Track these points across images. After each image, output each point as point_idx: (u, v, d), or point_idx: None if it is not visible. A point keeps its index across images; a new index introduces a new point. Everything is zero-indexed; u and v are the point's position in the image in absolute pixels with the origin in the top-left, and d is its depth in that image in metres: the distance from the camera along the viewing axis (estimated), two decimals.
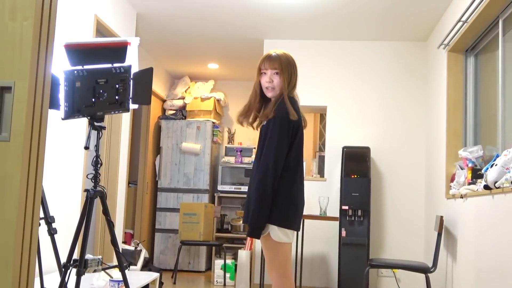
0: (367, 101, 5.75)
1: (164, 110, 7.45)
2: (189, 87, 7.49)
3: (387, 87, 5.74)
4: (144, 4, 4.99)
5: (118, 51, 2.59)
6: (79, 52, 2.48)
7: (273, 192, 2.34)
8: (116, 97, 2.53)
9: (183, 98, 7.35)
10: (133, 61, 2.65)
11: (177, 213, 6.79)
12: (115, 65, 2.58)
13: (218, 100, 7.42)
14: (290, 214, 2.40)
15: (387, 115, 5.71)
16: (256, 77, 2.56)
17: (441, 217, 4.46)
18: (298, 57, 2.68)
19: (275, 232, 2.36)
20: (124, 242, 5.77)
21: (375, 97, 5.74)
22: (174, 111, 7.30)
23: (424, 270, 4.25)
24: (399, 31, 5.42)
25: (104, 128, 2.51)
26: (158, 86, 7.03)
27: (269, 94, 2.51)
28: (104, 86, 2.50)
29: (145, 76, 2.65)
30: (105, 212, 2.51)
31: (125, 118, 5.06)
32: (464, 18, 4.01)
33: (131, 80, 2.59)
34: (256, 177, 2.38)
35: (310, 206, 5.39)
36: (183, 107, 7.35)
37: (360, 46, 5.80)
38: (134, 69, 2.65)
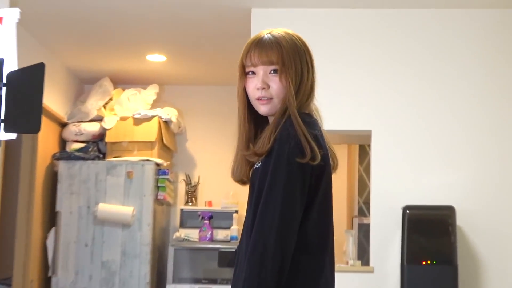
0: (448, 120, 5.79)
1: (63, 143, 7.42)
2: (111, 99, 7.51)
3: (482, 94, 5.79)
4: None
5: None
6: None
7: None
8: None
9: (100, 119, 7.36)
10: (7, 52, 2.65)
11: None
12: None
13: (166, 122, 7.43)
14: None
15: (486, 145, 5.73)
16: (239, 81, 2.57)
17: None
18: (313, 42, 2.70)
19: None
20: None
21: (462, 112, 5.78)
22: (83, 145, 7.28)
23: None
24: None
25: None
26: (52, 99, 7.05)
27: (262, 109, 2.52)
28: None
29: (32, 79, 2.65)
30: None
31: None
32: None
33: (4, 87, 2.58)
34: (245, 267, 2.38)
35: None
36: (100, 136, 7.35)
37: (427, 17, 5.86)
38: (10, 67, 2.65)
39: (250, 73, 2.49)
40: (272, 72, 2.46)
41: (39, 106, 2.64)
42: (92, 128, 7.32)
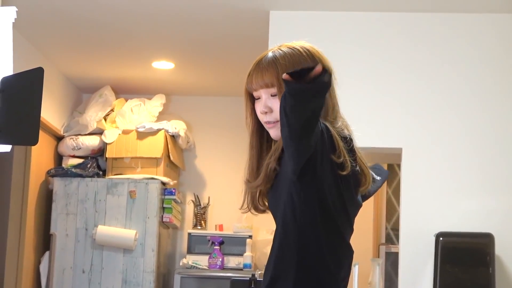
0: (486, 138, 5.78)
1: (60, 158, 7.47)
2: (112, 110, 7.55)
3: None
4: None
5: None
6: None
7: None
8: None
9: (100, 132, 7.39)
10: (2, 56, 2.67)
11: None
12: None
13: (174, 137, 7.46)
14: None
15: None
16: (245, 107, 2.60)
17: None
18: (335, 47, 2.71)
19: None
20: None
21: (505, 132, 5.77)
22: (81, 160, 7.32)
23: None
24: None
25: None
26: (48, 109, 7.07)
27: (271, 133, 2.55)
28: None
29: (29, 85, 2.67)
30: None
31: None
32: None
33: None
34: None
35: None
36: (100, 151, 7.39)
37: (467, 21, 5.87)
38: (5, 72, 2.66)
39: (256, 98, 2.56)
40: (273, 95, 2.51)
41: (37, 115, 2.65)
42: (91, 142, 7.35)
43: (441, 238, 5.46)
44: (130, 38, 6.62)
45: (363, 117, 5.79)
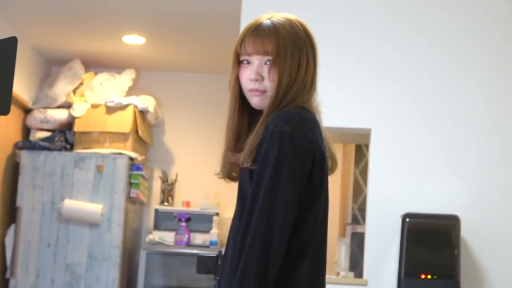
0: (455, 122, 5.82)
1: (27, 131, 7.44)
2: (81, 84, 7.53)
3: (494, 94, 5.83)
4: None
5: None
6: None
7: None
8: None
9: (68, 106, 7.37)
10: None
11: None
12: None
13: (142, 112, 7.46)
14: None
15: (495, 151, 5.78)
16: (231, 70, 2.59)
17: None
18: (314, 28, 2.72)
19: None
20: None
21: (470, 114, 5.82)
22: (48, 134, 7.30)
23: None
24: None
25: None
26: (16, 81, 7.00)
27: (254, 100, 2.54)
28: None
29: (2, 55, 2.68)
30: None
31: None
32: None
33: None
34: (235, 270, 2.40)
35: None
36: (68, 125, 7.37)
37: (437, 7, 5.90)
38: None
39: (245, 62, 2.52)
40: (267, 62, 2.49)
41: (10, 85, 2.66)
42: (60, 115, 7.32)
43: (407, 219, 5.50)
44: (101, 11, 6.60)
45: (333, 96, 5.80)
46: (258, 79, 2.49)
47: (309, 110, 2.53)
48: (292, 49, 2.50)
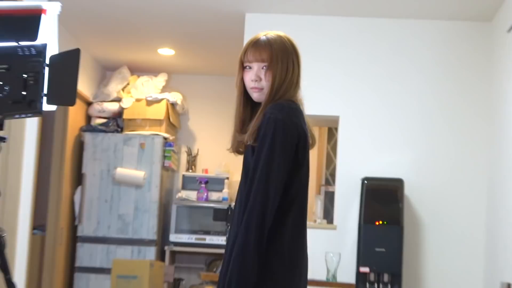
0: (401, 111, 5.80)
1: (89, 118, 7.41)
2: (128, 84, 7.49)
3: (432, 89, 5.80)
4: None
5: (26, 22, 2.58)
6: None
7: (265, 244, 2.33)
8: (23, 93, 2.50)
9: (119, 100, 7.34)
10: (50, 39, 2.63)
11: (106, 276, 6.68)
12: (22, 43, 2.56)
13: (173, 104, 7.42)
14: (294, 277, 2.41)
15: (431, 131, 5.75)
16: (238, 73, 2.59)
17: (509, 285, 4.48)
18: (298, 42, 2.70)
19: None
20: None
21: (413, 104, 5.79)
22: (104, 120, 7.27)
23: None
24: (452, 5, 5.49)
25: (3, 140, 2.48)
26: (81, 82, 7.01)
27: (255, 95, 2.53)
28: (5, 75, 2.48)
29: (69, 61, 2.63)
30: (4, 267, 2.46)
31: (30, 128, 5.00)
32: None
33: (47, 67, 2.57)
34: (241, 220, 2.38)
35: (313, 266, 5.36)
36: (119, 113, 7.33)
37: (392, 26, 5.86)
38: (51, 51, 2.63)
39: (247, 67, 2.52)
40: (263, 68, 2.48)
41: (75, 84, 2.63)
42: (112, 107, 7.30)
43: (365, 182, 5.50)
44: (142, 30, 6.58)
45: (312, 92, 5.74)
46: (257, 80, 2.49)
47: (295, 102, 2.53)
48: (282, 58, 2.49)
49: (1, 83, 2.46)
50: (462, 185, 5.71)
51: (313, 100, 5.73)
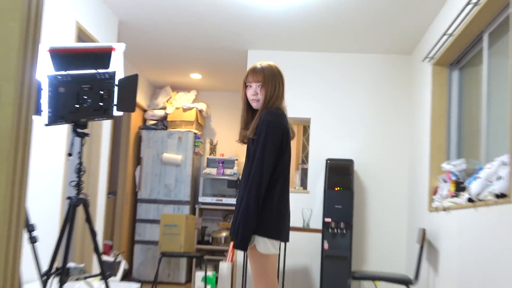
0: (351, 114, 5.79)
1: (145, 120, 7.39)
2: (170, 97, 7.46)
3: (371, 100, 5.79)
4: (126, 12, 4.96)
5: (102, 56, 2.57)
6: (63, 57, 2.45)
7: (261, 202, 2.34)
8: (100, 104, 2.50)
9: (164, 108, 7.31)
10: (118, 67, 2.63)
11: (157, 225, 6.71)
12: (100, 71, 2.55)
13: (200, 111, 7.40)
14: (280, 224, 2.41)
15: (371, 127, 5.75)
16: (242, 90, 2.59)
17: (424, 230, 4.49)
18: (283, 68, 2.69)
19: (264, 243, 2.36)
20: (103, 253, 5.67)
21: (359, 109, 5.78)
22: (155, 121, 7.25)
23: (406, 282, 4.26)
24: (384, 43, 5.49)
25: (87, 135, 2.47)
26: (139, 96, 6.99)
27: (254, 104, 2.54)
28: (89, 92, 2.47)
29: (130, 82, 2.63)
30: (88, 220, 2.46)
31: (106, 127, 5.00)
32: (449, 32, 4.08)
33: (116, 87, 2.56)
34: (246, 187, 2.38)
35: (293, 218, 5.38)
36: (165, 117, 7.31)
37: (345, 58, 5.86)
38: (119, 76, 2.63)
39: (248, 86, 2.54)
40: (259, 86, 2.47)
41: (134, 97, 2.64)
42: (160, 113, 7.27)
43: (328, 161, 5.49)
44: (179, 61, 6.54)
45: (291, 100, 5.75)
46: (255, 94, 2.51)
47: (281, 109, 2.55)
48: (271, 80, 2.51)
49: (86, 97, 2.46)
50: (391, 163, 5.71)
51: (293, 107, 5.76)
